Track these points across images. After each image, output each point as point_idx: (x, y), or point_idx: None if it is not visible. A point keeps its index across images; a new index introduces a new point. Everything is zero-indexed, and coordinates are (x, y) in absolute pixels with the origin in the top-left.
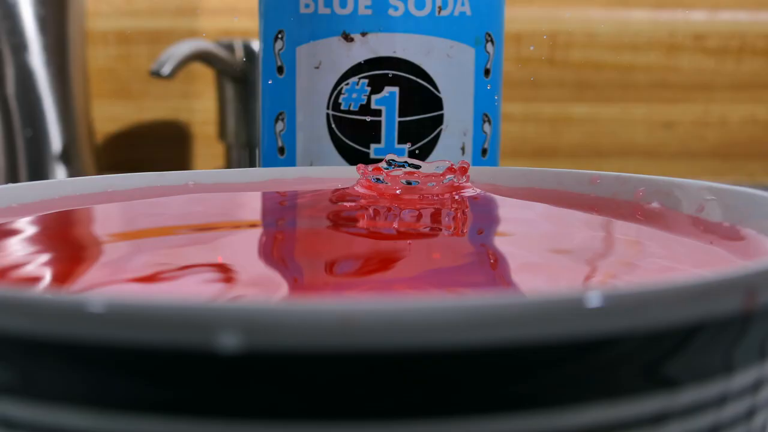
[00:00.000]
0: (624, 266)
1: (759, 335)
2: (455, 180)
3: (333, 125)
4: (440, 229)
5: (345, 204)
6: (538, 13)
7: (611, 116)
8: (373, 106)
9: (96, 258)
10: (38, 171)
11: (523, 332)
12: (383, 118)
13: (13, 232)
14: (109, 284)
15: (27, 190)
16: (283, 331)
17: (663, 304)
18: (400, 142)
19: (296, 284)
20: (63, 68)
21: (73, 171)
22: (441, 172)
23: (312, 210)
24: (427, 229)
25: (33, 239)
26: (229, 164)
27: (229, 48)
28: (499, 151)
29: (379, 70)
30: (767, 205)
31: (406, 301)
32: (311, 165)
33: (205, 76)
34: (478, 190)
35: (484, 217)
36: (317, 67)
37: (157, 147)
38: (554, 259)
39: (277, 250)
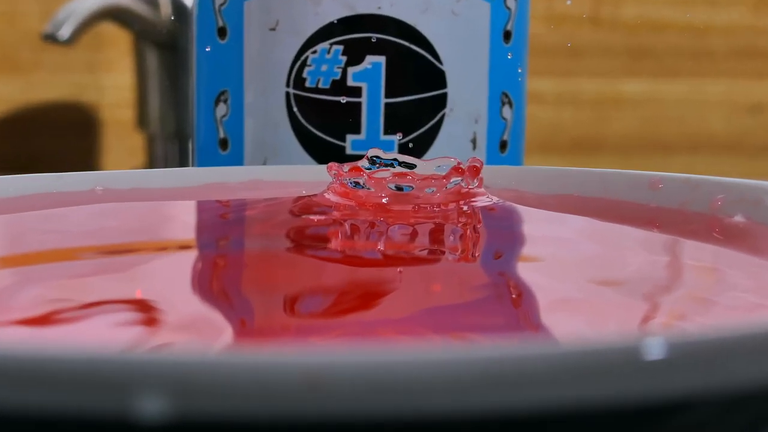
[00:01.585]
0: (696, 303)
1: None
2: (463, 184)
3: (295, 108)
4: (443, 252)
5: (311, 217)
6: None
7: (677, 96)
8: (351, 82)
9: None
10: None
11: (557, 395)
12: (364, 99)
13: None
14: None
15: None
16: (225, 393)
17: (750, 356)
18: (387, 131)
19: (244, 328)
20: None
21: None
22: (444, 173)
23: (266, 226)
24: (425, 252)
25: None
26: (151, 162)
27: (152, 3)
28: (524, 144)
29: (359, 33)
30: None
31: (394, 352)
32: (265, 164)
33: (118, 42)
34: (495, 199)
35: (504, 235)
36: (273, 29)
37: (52, 138)
38: (599, 293)
39: (217, 280)
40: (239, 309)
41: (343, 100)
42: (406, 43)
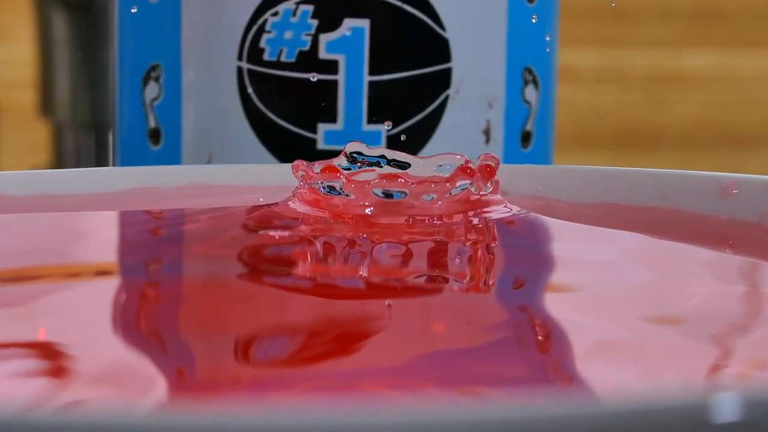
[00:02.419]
0: None
1: None
2: (473, 190)
3: (250, 89)
4: (446, 280)
5: (271, 233)
6: None
7: (756, 71)
8: (324, 54)
9: None
10: None
11: None
12: (341, 77)
13: None
14: None
15: None
16: None
17: None
18: (372, 119)
19: (182, 381)
20: None
21: None
22: (447, 175)
23: (211, 245)
24: (422, 280)
25: None
26: (59, 159)
27: None
28: (554, 136)
29: None
30: None
31: (382, 412)
32: (209, 162)
33: (14, 1)
34: (516, 209)
35: (527, 257)
36: None
37: None
38: (654, 333)
39: (146, 317)
40: (175, 355)
41: (314, 77)
42: (397, 3)
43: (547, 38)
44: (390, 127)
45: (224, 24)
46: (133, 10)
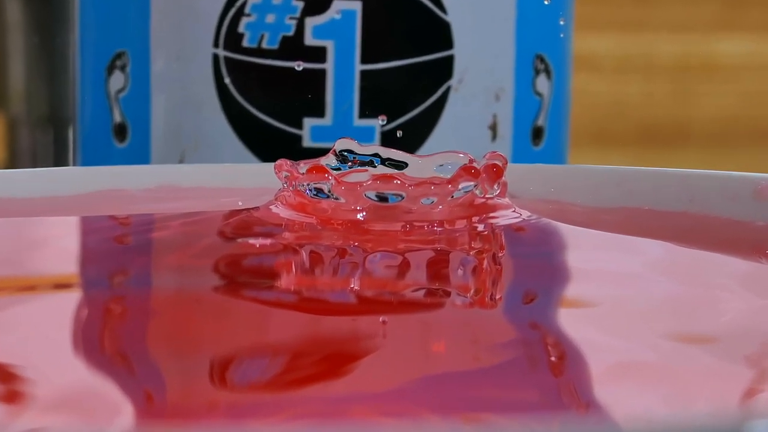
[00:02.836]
0: None
1: None
2: (478, 192)
3: (227, 80)
4: (447, 294)
5: (251, 241)
6: None
7: None
8: (310, 40)
9: None
10: None
11: None
12: (330, 66)
13: None
14: None
15: None
16: None
17: None
18: (364, 113)
19: (150, 406)
20: None
21: None
22: (449, 175)
23: (183, 254)
24: (421, 294)
25: None
26: (13, 158)
27: None
28: (569, 132)
29: None
30: None
31: None
32: (182, 161)
33: None
34: (526, 214)
35: (538, 268)
36: None
37: None
38: (681, 353)
39: (111, 335)
40: (144, 377)
41: (299, 66)
42: None
43: (561, 22)
44: (384, 122)
45: (198, 6)
46: None
